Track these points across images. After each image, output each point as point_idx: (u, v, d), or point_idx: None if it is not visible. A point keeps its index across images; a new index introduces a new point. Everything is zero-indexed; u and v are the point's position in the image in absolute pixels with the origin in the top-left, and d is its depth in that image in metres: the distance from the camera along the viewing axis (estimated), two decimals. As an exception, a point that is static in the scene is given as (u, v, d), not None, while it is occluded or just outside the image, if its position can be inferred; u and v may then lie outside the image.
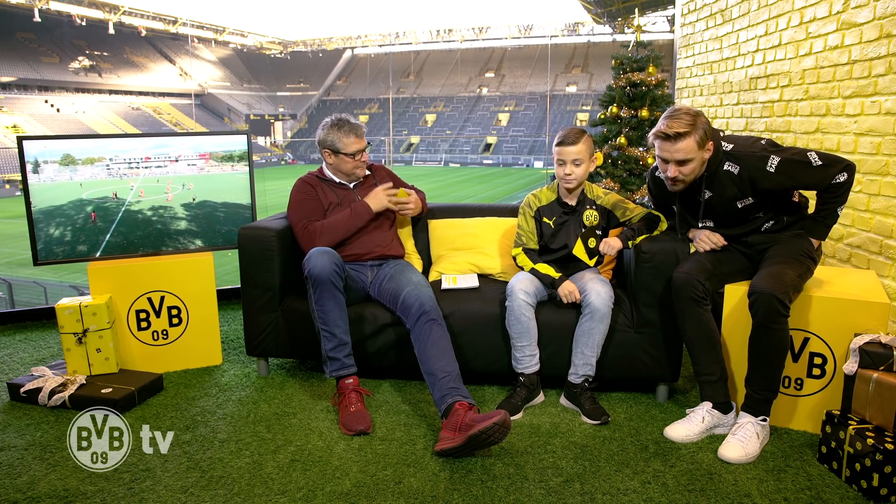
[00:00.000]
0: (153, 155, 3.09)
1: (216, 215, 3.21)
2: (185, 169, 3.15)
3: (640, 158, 3.85)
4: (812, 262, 2.37)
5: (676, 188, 2.38)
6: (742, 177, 2.30)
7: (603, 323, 2.49)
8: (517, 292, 2.53)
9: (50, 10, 47.75)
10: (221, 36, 64.04)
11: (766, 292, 2.15)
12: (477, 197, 28.62)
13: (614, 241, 2.55)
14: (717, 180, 2.35)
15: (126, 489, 2.02)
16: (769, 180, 2.27)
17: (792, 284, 2.22)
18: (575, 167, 2.59)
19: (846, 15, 3.02)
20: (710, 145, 2.29)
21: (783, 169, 2.25)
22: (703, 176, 2.35)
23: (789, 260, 2.30)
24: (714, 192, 2.38)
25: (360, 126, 2.86)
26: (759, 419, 2.23)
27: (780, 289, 2.15)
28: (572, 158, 2.58)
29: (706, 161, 2.32)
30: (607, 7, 38.49)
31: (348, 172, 2.88)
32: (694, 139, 2.24)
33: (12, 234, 19.57)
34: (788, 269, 2.24)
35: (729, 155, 2.33)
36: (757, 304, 2.18)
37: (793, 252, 2.34)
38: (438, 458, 2.19)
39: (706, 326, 2.34)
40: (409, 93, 63.99)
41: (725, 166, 2.33)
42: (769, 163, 2.25)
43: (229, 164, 3.20)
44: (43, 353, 3.25)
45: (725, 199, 2.37)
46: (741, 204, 2.37)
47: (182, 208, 3.15)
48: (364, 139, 2.86)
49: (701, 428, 2.29)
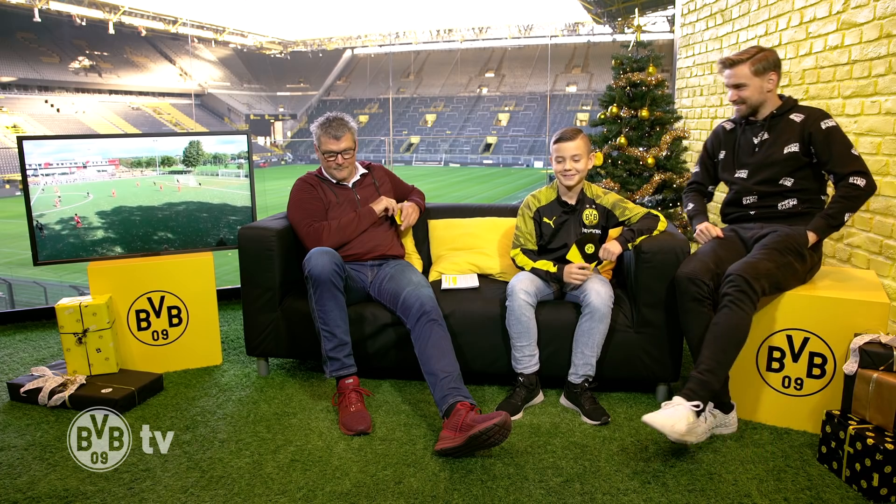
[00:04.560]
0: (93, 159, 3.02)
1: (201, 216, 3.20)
2: (96, 175, 3.03)
3: (640, 158, 3.84)
4: (796, 258, 2.35)
5: (742, 112, 2.57)
6: (802, 125, 2.46)
7: (603, 323, 2.49)
8: (518, 292, 2.53)
9: (50, 10, 47.76)
10: (221, 36, 64.05)
11: (737, 273, 2.23)
12: (477, 197, 28.61)
13: (613, 247, 2.54)
14: (779, 123, 2.51)
15: (126, 489, 2.02)
16: (817, 134, 2.41)
17: (766, 273, 2.25)
18: (574, 163, 2.61)
19: (846, 15, 3.02)
20: (773, 75, 2.47)
21: (830, 132, 2.40)
22: (769, 116, 2.52)
23: (772, 251, 2.33)
24: (772, 134, 2.52)
25: (343, 128, 2.82)
26: (692, 404, 2.09)
27: (751, 273, 2.23)
28: (571, 154, 2.60)
29: (768, 93, 2.49)
30: (607, 7, 38.48)
31: (325, 169, 2.91)
32: (748, 66, 2.46)
33: (12, 234, 19.57)
34: (767, 260, 2.29)
35: (799, 106, 2.52)
36: (725, 284, 2.25)
37: (780, 244, 2.36)
38: (438, 457, 2.19)
39: (707, 327, 2.32)
40: (409, 93, 63.99)
41: (792, 115, 2.49)
42: (826, 122, 2.42)
43: (139, 169, 3.09)
44: (43, 353, 3.25)
45: (779, 143, 2.50)
46: (787, 150, 2.48)
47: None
48: (342, 143, 2.82)
49: (704, 428, 2.26)
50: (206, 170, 3.21)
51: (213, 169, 3.23)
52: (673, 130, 3.91)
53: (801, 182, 2.48)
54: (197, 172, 3.20)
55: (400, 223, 2.93)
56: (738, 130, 2.64)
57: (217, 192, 3.23)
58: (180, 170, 3.17)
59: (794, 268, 2.35)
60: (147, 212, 3.10)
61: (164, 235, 3.13)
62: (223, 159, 3.24)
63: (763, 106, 2.53)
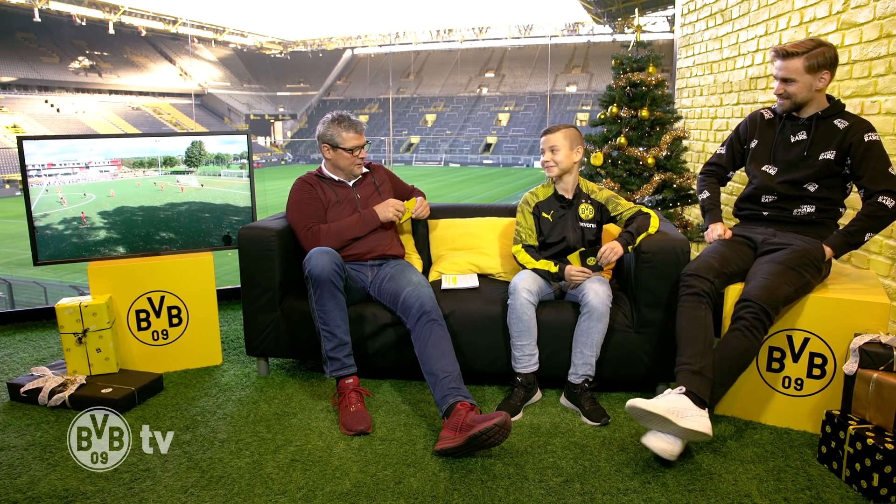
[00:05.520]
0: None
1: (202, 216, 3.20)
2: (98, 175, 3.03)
3: (640, 158, 3.84)
4: (814, 273, 2.33)
5: (784, 107, 2.45)
6: (845, 133, 2.35)
7: (601, 322, 2.49)
8: (520, 290, 2.53)
9: (50, 10, 47.77)
10: (221, 36, 64.06)
11: (755, 301, 2.19)
12: (477, 197, 28.61)
13: (616, 247, 2.54)
14: (823, 126, 2.40)
15: (126, 489, 2.02)
16: (858, 146, 2.32)
17: (784, 298, 2.24)
18: (552, 154, 2.67)
19: (846, 15, 3.02)
20: (826, 74, 2.34)
21: (871, 147, 2.31)
22: (814, 117, 2.41)
23: (790, 271, 2.28)
24: (811, 136, 2.42)
25: (359, 123, 2.89)
26: (678, 389, 2.10)
27: (770, 301, 2.19)
28: (550, 146, 2.68)
29: (817, 91, 2.37)
30: (607, 7, 38.50)
31: (345, 168, 2.89)
32: (802, 61, 2.32)
33: (12, 234, 19.57)
34: (786, 284, 2.24)
35: (845, 113, 2.40)
36: (744, 309, 2.22)
37: (798, 261, 2.31)
38: (438, 457, 2.19)
39: (701, 322, 2.27)
40: (409, 93, 63.99)
41: (836, 120, 2.39)
42: (870, 135, 2.32)
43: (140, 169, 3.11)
44: (43, 353, 3.25)
45: (817, 147, 2.40)
46: (823, 156, 2.38)
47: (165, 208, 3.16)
48: (363, 136, 2.89)
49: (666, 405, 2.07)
50: (208, 170, 3.21)
51: (216, 169, 3.23)
52: (673, 130, 3.91)
53: (825, 191, 2.41)
54: (199, 173, 3.20)
55: (410, 216, 2.94)
56: (778, 123, 2.52)
57: (219, 192, 3.23)
58: (182, 170, 3.17)
59: (812, 285, 2.34)
60: (149, 212, 3.10)
61: (165, 236, 3.13)
62: (225, 160, 3.24)
63: (809, 105, 2.41)
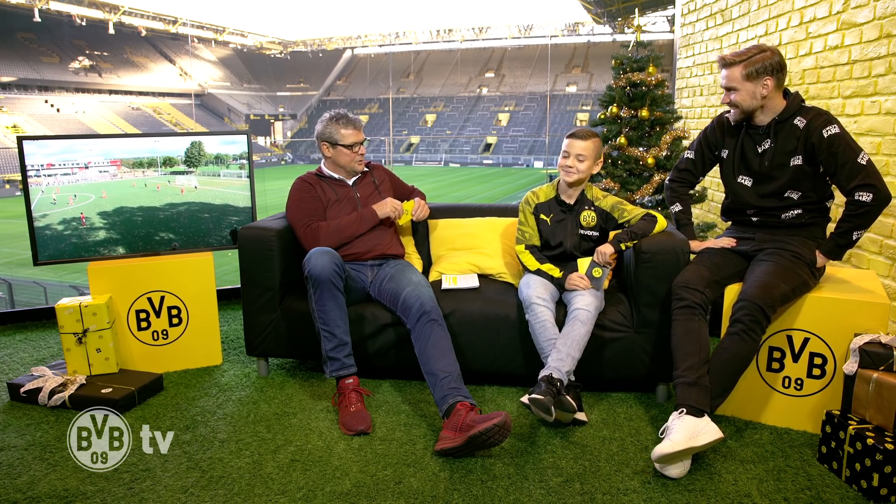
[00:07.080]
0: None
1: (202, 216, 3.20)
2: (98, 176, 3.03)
3: (640, 158, 3.84)
4: (811, 276, 2.34)
5: (735, 117, 2.45)
6: (805, 133, 2.32)
7: (584, 326, 2.40)
8: (535, 301, 2.48)
9: (50, 10, 47.72)
10: (221, 36, 63.99)
11: (752, 301, 2.19)
12: (477, 197, 28.61)
13: (605, 248, 2.54)
14: (783, 130, 2.37)
15: (126, 489, 2.02)
16: (819, 144, 2.28)
17: (781, 297, 2.23)
18: (578, 162, 2.62)
19: (846, 15, 3.02)
20: (768, 81, 2.31)
21: (833, 141, 2.26)
22: (772, 123, 2.38)
23: (786, 270, 2.28)
24: (776, 142, 2.38)
25: (357, 119, 2.90)
26: (678, 412, 2.10)
27: (766, 301, 2.19)
28: (577, 153, 2.62)
29: (763, 98, 2.34)
30: (607, 7, 38.47)
31: (345, 165, 2.89)
32: (740, 69, 2.32)
33: (12, 234, 19.56)
34: (783, 283, 2.24)
35: (803, 108, 2.36)
36: (741, 311, 2.21)
37: (794, 260, 2.32)
38: (438, 457, 2.19)
39: (694, 335, 2.25)
40: (409, 93, 63.95)
41: (795, 120, 2.35)
42: (828, 129, 2.27)
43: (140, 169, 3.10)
44: (43, 353, 3.25)
45: (783, 153, 2.37)
46: (793, 162, 2.36)
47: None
48: (362, 132, 2.90)
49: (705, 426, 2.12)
50: (207, 170, 3.21)
51: (215, 169, 3.23)
52: (673, 130, 3.91)
53: (809, 194, 2.39)
54: (199, 173, 3.19)
55: (410, 219, 2.94)
56: (741, 131, 2.49)
57: (219, 192, 3.23)
58: (182, 170, 3.17)
59: (809, 285, 2.34)
60: (149, 212, 3.10)
61: (165, 236, 3.13)
62: (225, 160, 3.24)
63: (761, 112, 2.38)
